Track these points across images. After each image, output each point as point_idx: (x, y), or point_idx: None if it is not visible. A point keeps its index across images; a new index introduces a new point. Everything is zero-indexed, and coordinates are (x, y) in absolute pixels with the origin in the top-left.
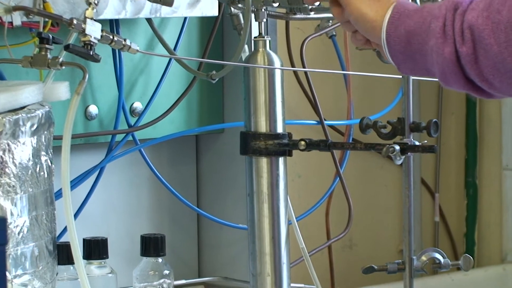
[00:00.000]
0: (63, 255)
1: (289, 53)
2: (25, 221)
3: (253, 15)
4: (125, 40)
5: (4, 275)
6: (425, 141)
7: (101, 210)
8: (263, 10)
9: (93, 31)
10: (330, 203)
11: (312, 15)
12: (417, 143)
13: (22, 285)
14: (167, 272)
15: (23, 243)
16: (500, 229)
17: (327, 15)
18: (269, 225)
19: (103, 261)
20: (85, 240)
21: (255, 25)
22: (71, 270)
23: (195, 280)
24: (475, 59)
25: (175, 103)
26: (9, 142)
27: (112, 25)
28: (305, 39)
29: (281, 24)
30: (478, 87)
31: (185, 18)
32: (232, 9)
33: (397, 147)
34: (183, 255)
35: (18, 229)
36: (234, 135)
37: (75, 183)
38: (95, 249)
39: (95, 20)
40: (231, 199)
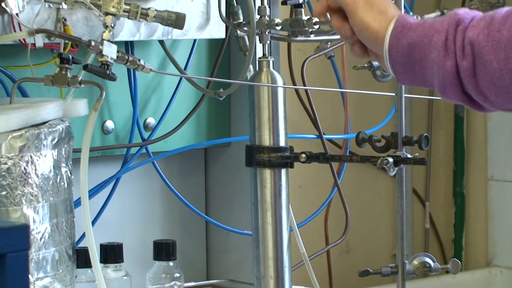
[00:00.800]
0: (82, 259)
1: (291, 72)
2: (46, 227)
3: (257, 38)
4: (139, 60)
5: (27, 278)
6: (417, 154)
7: (117, 217)
8: (267, 33)
9: (110, 52)
10: (328, 211)
11: (312, 37)
12: (409, 156)
13: (43, 287)
14: (177, 275)
15: (45, 248)
16: (485, 235)
17: (326, 37)
18: (272, 231)
19: (118, 265)
20: (102, 245)
21: (259, 47)
22: (89, 273)
23: (203, 282)
24: (473, 73)
25: (185, 119)
26: (32, 154)
27: (127, 47)
28: (306, 60)
29: (283, 45)
30: (473, 100)
31: (195, 40)
32: (238, 32)
33: (391, 160)
34: (193, 259)
35: (40, 235)
36: (240, 148)
37: (93, 193)
38: (111, 253)
39: (111, 42)
40: (237, 208)
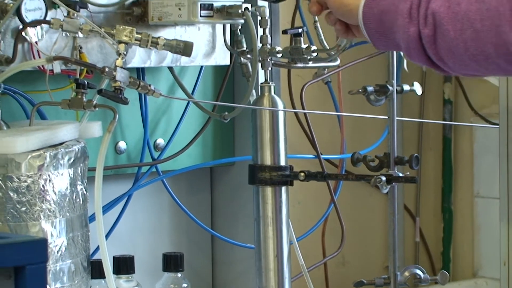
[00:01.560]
0: (96, 270)
1: (291, 97)
2: (63, 241)
3: (260, 64)
4: (150, 85)
5: None
6: (408, 173)
7: (129, 231)
8: (268, 60)
9: (123, 77)
10: (325, 225)
11: (310, 64)
12: (400, 175)
13: None
14: (185, 285)
15: (61, 260)
16: (472, 248)
17: (323, 64)
18: (273, 245)
19: (130, 276)
20: (115, 257)
21: (261, 73)
22: (103, 283)
23: None
24: (434, 40)
25: (192, 140)
26: (50, 173)
27: (138, 73)
28: (305, 85)
29: (284, 72)
30: (435, 63)
31: (202, 66)
32: (242, 59)
33: (384, 178)
34: (199, 271)
35: (57, 248)
36: (243, 167)
37: (106, 209)
38: (124, 265)
39: (124, 68)
40: (240, 222)
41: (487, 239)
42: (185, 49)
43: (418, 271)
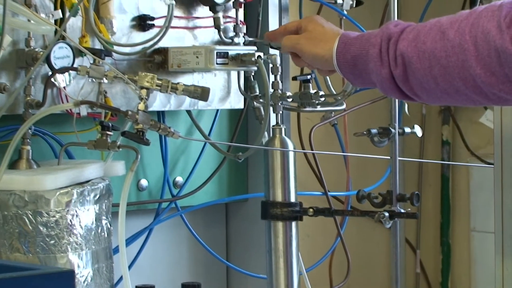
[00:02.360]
0: None
1: (300, 138)
2: (89, 272)
3: (271, 108)
4: (169, 127)
5: None
6: (409, 209)
7: (150, 263)
8: (279, 104)
9: (144, 120)
10: (332, 257)
11: (318, 108)
12: (402, 211)
13: None
14: None
15: None
16: (469, 279)
17: (330, 108)
18: (284, 275)
19: None
20: (137, 287)
21: (273, 116)
22: None
23: None
24: (406, 79)
25: (209, 178)
26: (77, 208)
27: (159, 116)
28: (313, 127)
29: (293, 115)
30: (409, 96)
31: (217, 110)
32: (255, 103)
33: (387, 214)
34: None
35: (83, 278)
36: (256, 204)
37: (129, 241)
38: None
39: (146, 111)
40: (253, 254)
41: (483, 270)
42: (202, 94)
43: None
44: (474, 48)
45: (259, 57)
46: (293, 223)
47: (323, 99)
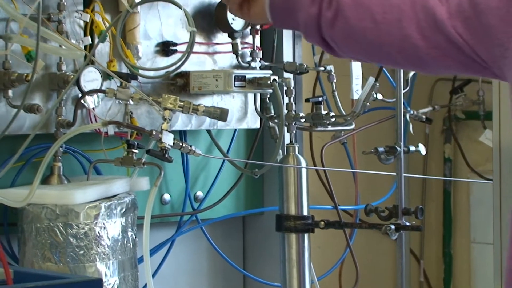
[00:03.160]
0: None
1: (312, 155)
2: (115, 280)
3: (285, 128)
4: (191, 146)
5: None
6: (413, 222)
7: (172, 272)
8: (293, 124)
9: (167, 139)
10: (342, 267)
11: (329, 128)
12: (407, 224)
13: None
14: None
15: None
16: (469, 287)
17: (340, 128)
18: (297, 284)
19: None
20: None
21: (287, 135)
22: None
23: None
24: (332, 24)
25: (227, 193)
26: (104, 221)
27: (181, 135)
28: (324, 145)
29: (306, 134)
30: (329, 45)
31: (235, 129)
32: (270, 123)
33: (393, 227)
34: None
35: (110, 286)
36: (271, 217)
37: (153, 252)
38: None
39: (169, 131)
40: (268, 264)
41: (482, 279)
42: (221, 114)
43: None
44: (412, 11)
45: (274, 80)
46: (306, 235)
47: (333, 120)
